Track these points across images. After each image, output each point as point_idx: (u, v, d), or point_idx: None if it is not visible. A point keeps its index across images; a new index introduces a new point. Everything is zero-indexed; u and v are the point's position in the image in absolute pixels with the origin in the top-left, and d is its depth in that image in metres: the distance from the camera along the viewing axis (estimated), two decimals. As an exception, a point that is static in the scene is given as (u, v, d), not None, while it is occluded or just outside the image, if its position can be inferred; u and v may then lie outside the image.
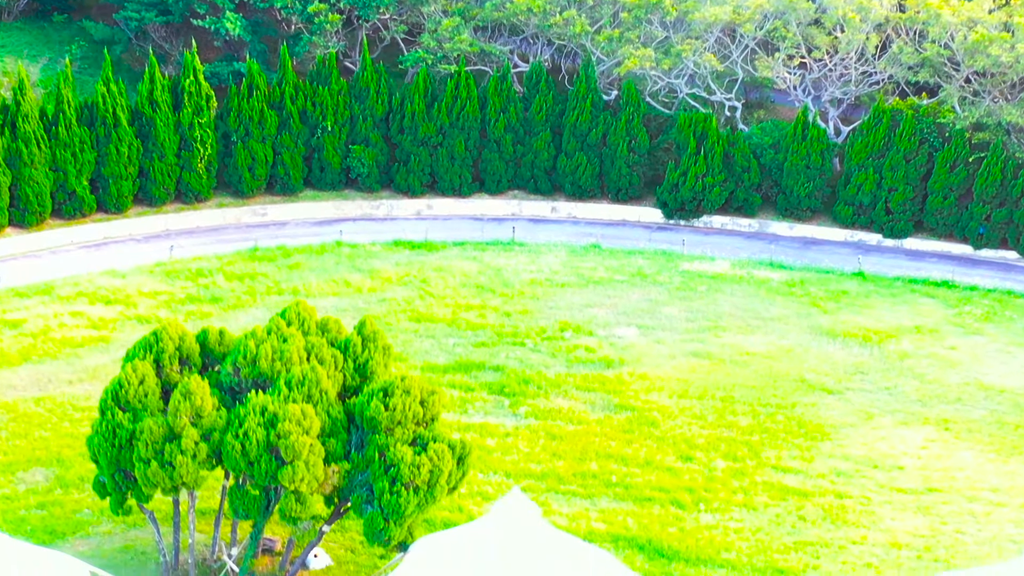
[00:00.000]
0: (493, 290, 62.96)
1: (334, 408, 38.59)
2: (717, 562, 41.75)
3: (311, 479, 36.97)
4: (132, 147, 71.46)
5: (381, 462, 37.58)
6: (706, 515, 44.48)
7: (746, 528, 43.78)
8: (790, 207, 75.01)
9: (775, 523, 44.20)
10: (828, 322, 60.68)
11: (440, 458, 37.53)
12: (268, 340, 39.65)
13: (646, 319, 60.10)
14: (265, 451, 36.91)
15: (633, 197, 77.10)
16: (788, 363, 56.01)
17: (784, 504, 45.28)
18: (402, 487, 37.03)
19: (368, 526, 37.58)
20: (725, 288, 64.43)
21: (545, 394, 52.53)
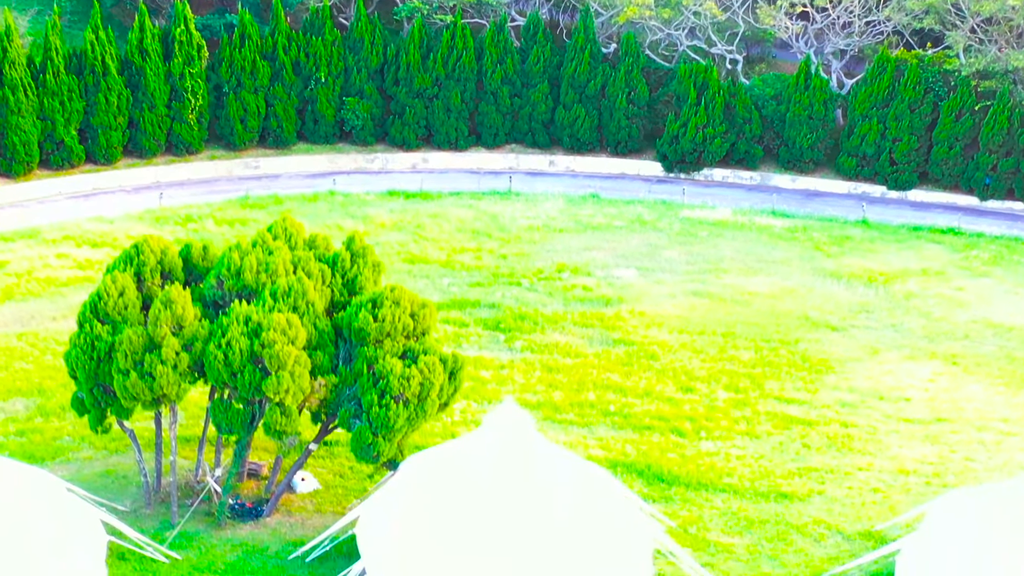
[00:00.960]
0: (489, 235, 61.56)
1: (321, 321, 37.19)
2: (718, 486, 40.36)
3: (296, 391, 35.54)
4: (121, 97, 70.01)
5: (370, 375, 36.18)
6: (707, 443, 43.07)
7: (748, 455, 42.38)
8: (792, 159, 73.61)
9: (778, 450, 42.80)
10: (832, 265, 59.26)
11: (431, 371, 36.11)
12: (253, 252, 38.26)
13: (645, 261, 58.71)
14: (249, 361, 35.50)
15: (632, 150, 75.69)
16: (791, 302, 54.60)
17: (787, 432, 43.88)
18: (391, 400, 35.62)
19: (356, 441, 36.17)
20: (726, 234, 63.04)
21: (541, 329, 51.12)
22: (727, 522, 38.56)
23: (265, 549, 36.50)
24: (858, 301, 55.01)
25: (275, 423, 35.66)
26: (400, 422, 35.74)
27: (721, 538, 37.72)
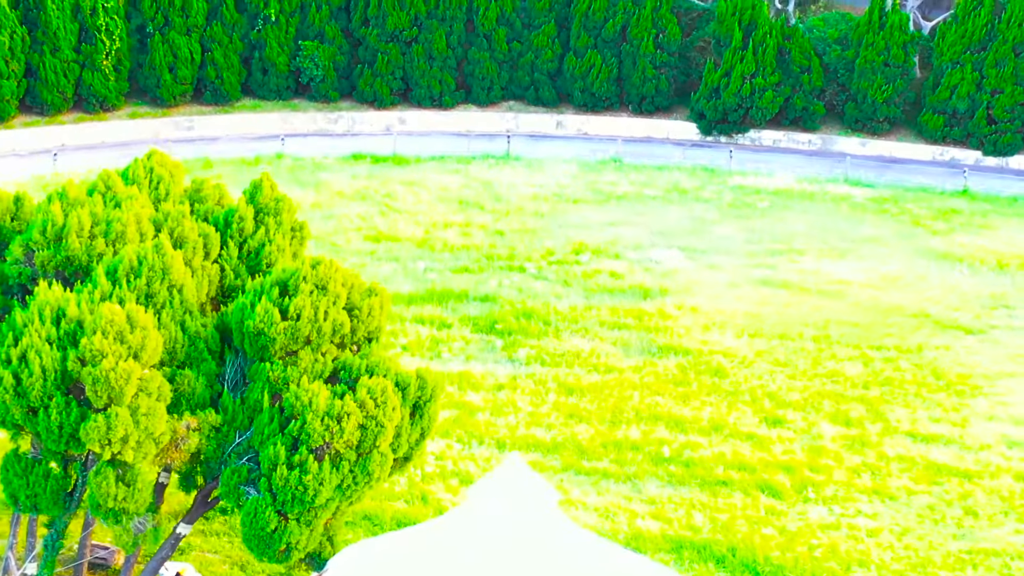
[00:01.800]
0: (481, 205, 46.38)
1: (195, 318, 22.04)
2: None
3: (143, 438, 20.39)
4: (16, 36, 54.81)
5: (274, 411, 21.04)
6: (816, 508, 27.93)
7: (884, 528, 27.26)
8: (862, 118, 58.53)
9: (930, 519, 27.67)
10: (941, 244, 44.16)
11: (379, 404, 20.91)
12: (87, 205, 23.07)
13: (692, 240, 43.55)
14: (58, 387, 20.36)
15: (660, 108, 60.60)
16: (899, 294, 39.51)
17: (938, 489, 28.75)
18: (310, 455, 20.47)
19: (251, 526, 20.97)
20: (793, 205, 47.92)
21: (555, 333, 35.90)
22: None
23: None
24: (989, 292, 39.92)
25: (106, 496, 20.47)
26: (326, 493, 20.60)
27: None
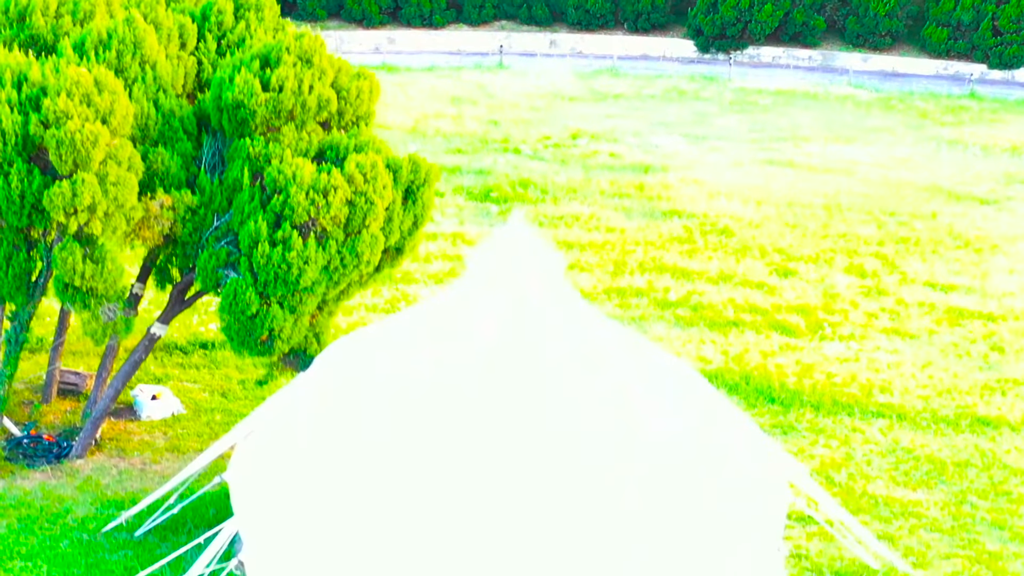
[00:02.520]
0: (474, 102, 44.76)
1: (168, 97, 20.36)
2: (868, 409, 23.60)
3: (112, 210, 18.70)
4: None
5: (255, 190, 19.38)
6: (834, 344, 26.30)
7: (907, 362, 25.63)
8: (864, 32, 57.10)
9: (954, 355, 26.07)
10: (952, 133, 42.66)
11: (369, 178, 19.27)
12: (53, -14, 21.40)
13: (694, 129, 41.97)
14: (19, 152, 18.67)
15: (656, 26, 59.17)
16: (911, 172, 37.96)
17: (961, 330, 27.13)
18: (294, 231, 18.81)
19: (231, 310, 19.26)
20: (797, 102, 46.40)
21: (553, 199, 34.27)
22: (897, 465, 21.81)
23: (59, 515, 19.57)
24: (1004, 172, 38.41)
25: (72, 272, 18.76)
26: (311, 273, 18.94)
27: (893, 491, 20.98)
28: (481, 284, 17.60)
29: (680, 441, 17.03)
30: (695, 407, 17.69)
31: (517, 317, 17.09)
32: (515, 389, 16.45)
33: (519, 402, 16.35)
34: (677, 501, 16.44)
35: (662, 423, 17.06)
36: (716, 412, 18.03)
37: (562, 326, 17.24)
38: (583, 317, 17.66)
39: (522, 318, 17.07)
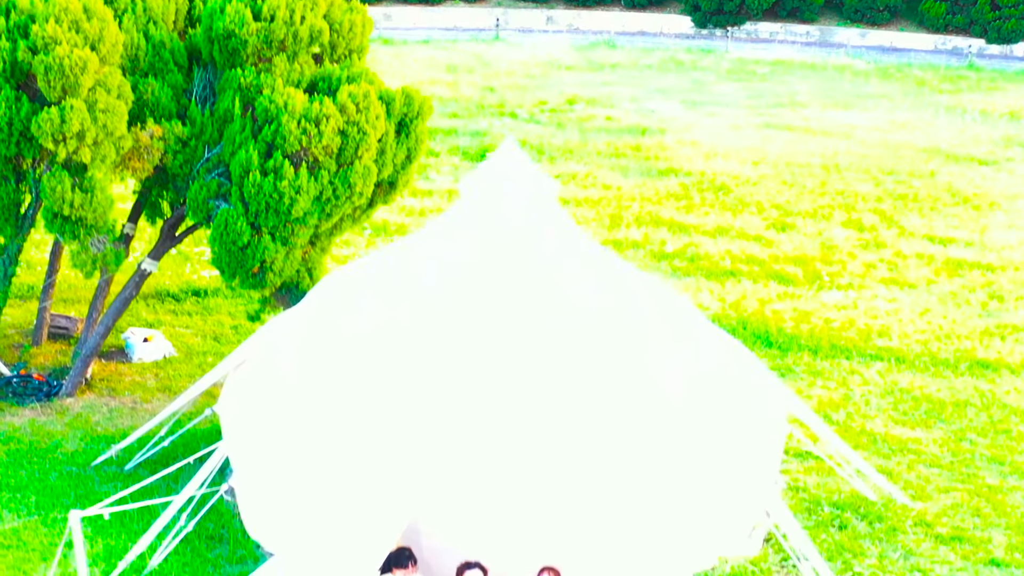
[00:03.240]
0: (471, 70, 44.51)
1: (160, 30, 20.14)
2: (867, 352, 23.40)
3: (101, 138, 18.48)
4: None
5: (247, 120, 19.15)
6: (831, 292, 26.10)
7: (905, 309, 25.43)
8: (862, 7, 56.94)
9: (952, 303, 25.87)
10: (950, 101, 42.46)
11: (362, 108, 19.07)
12: (43, -80, 21.15)
13: (691, 96, 41.73)
14: (7, 79, 18.45)
15: (654, 2, 58.95)
16: (909, 134, 37.75)
17: (961, 280, 26.94)
18: (286, 160, 18.61)
19: (221, 241, 19.05)
20: (794, 72, 46.19)
21: (549, 159, 34.07)
22: (895, 405, 21.61)
23: (48, 450, 19.36)
24: (1002, 135, 38.21)
25: (61, 201, 18.53)
26: (302, 203, 18.72)
27: (891, 429, 20.78)
28: (473, 208, 17.35)
29: (674, 367, 16.80)
30: (689, 334, 17.49)
31: (509, 240, 16.84)
32: (505, 313, 16.16)
33: (509, 326, 16.06)
34: (670, 429, 16.20)
35: (655, 348, 16.82)
36: (712, 340, 17.86)
37: (555, 249, 17.00)
38: (576, 241, 17.43)
39: (514, 240, 16.82)
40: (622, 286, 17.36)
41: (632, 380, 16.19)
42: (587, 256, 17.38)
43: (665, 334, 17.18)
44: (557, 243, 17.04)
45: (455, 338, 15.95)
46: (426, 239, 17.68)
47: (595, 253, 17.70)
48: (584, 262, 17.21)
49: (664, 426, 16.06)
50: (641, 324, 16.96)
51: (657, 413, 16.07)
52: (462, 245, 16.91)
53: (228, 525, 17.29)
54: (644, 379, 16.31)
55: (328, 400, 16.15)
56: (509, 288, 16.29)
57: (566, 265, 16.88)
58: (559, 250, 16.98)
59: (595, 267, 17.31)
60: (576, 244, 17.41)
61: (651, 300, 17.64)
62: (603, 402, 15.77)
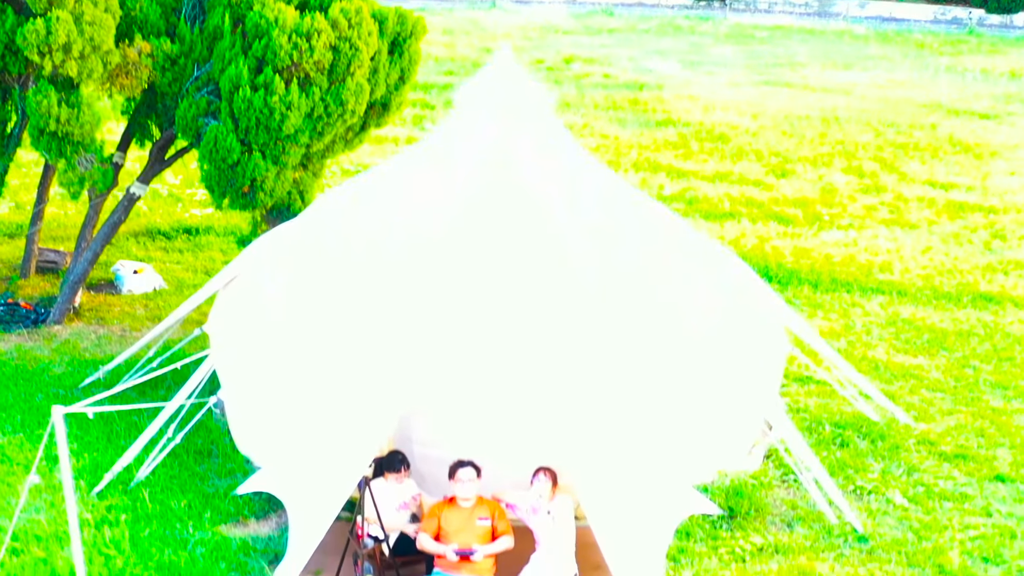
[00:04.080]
0: (467, 32, 44.15)
1: (148, -53, 19.76)
2: (868, 285, 23.07)
3: (88, 51, 18.10)
4: None
5: (236, 36, 18.78)
6: (831, 232, 25.77)
7: (906, 246, 25.10)
8: (861, -22, 56.55)
9: (954, 242, 25.53)
10: (951, 62, 42.11)
11: (354, 23, 18.71)
12: None
13: (689, 56, 41.38)
14: (-10, -9, 18.13)
15: (652, -27, 58.55)
16: (909, 92, 37.41)
17: (963, 221, 26.61)
18: (276, 75, 18.24)
19: (211, 159, 18.69)
20: (793, 36, 45.83)
21: (546, 112, 33.63)
22: (898, 335, 21.27)
23: (34, 373, 18.99)
24: (1003, 92, 37.88)
25: (47, 116, 18.14)
26: (293, 120, 18.35)
27: (893, 357, 20.44)
28: (468, 119, 16.96)
29: (674, 280, 16.42)
30: (687, 248, 17.11)
31: (505, 149, 16.46)
32: (502, 225, 15.74)
33: (506, 237, 15.63)
34: (669, 339, 15.81)
35: (654, 262, 16.43)
36: (712, 255, 17.48)
37: (551, 159, 16.63)
38: (572, 151, 17.07)
39: (510, 150, 16.43)
40: (617, 197, 17.00)
41: (631, 291, 15.79)
42: (582, 166, 17.01)
43: (665, 249, 16.79)
44: (553, 153, 16.68)
45: (450, 250, 15.52)
46: (422, 153, 17.29)
47: (589, 164, 17.35)
48: (579, 172, 16.84)
49: (663, 336, 15.69)
50: (640, 238, 16.58)
51: (656, 324, 15.69)
52: (459, 158, 16.50)
53: (218, 441, 16.96)
54: (644, 290, 15.92)
55: (318, 312, 15.76)
56: (507, 200, 15.89)
57: (561, 175, 16.52)
58: (554, 160, 16.61)
59: (589, 178, 16.94)
60: (572, 155, 17.05)
61: (650, 216, 17.28)
62: (601, 311, 15.37)
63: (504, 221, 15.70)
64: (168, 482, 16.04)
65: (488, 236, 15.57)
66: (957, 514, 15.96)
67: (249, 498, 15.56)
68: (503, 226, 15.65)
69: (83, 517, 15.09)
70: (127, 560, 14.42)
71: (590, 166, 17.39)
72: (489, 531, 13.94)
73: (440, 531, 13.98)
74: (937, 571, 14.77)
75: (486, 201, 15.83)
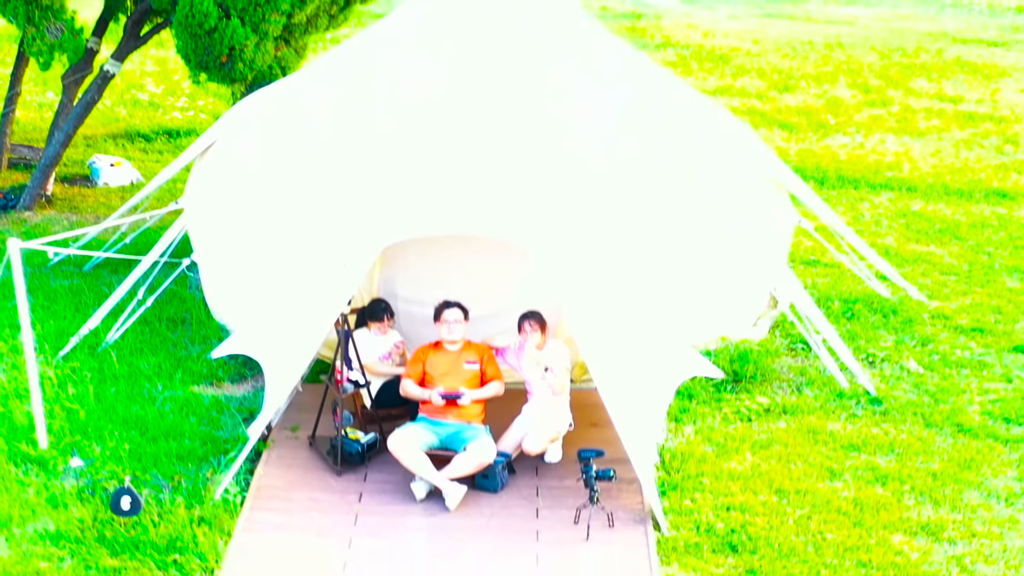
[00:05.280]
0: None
1: None
2: (877, 181, 22.18)
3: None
4: None
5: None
6: (837, 137, 24.85)
7: (915, 149, 24.20)
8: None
9: (964, 148, 24.60)
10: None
11: None
12: None
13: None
14: None
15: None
16: (915, 23, 36.44)
17: (971, 129, 25.68)
18: (255, -63, 17.28)
19: (187, 25, 17.65)
20: (794, -20, 44.75)
21: (542, 36, 32.69)
22: (908, 225, 20.37)
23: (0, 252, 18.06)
24: (1010, 24, 36.91)
25: (13, -22, 17.20)
26: (275, -16, 17.40)
27: (904, 245, 19.53)
28: None
29: (683, 142, 15.43)
30: (703, 119, 16.08)
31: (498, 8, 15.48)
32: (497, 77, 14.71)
33: (502, 89, 14.59)
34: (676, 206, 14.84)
35: (666, 125, 15.39)
36: (727, 127, 16.44)
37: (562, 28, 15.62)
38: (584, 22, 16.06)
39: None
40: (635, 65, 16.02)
41: (642, 149, 14.77)
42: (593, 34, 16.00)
43: (681, 117, 15.72)
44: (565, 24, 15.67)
45: (442, 104, 14.47)
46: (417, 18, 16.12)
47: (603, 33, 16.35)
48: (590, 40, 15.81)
49: (670, 198, 14.73)
50: (656, 104, 15.55)
51: (664, 185, 14.72)
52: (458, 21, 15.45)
53: (192, 310, 16.05)
54: (655, 150, 14.90)
55: (296, 168, 14.80)
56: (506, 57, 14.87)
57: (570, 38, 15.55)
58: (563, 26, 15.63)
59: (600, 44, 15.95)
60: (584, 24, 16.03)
61: (667, 85, 16.27)
62: (607, 166, 14.35)
63: (502, 73, 14.69)
64: (138, 345, 15.14)
65: (484, 88, 14.55)
66: (975, 380, 15.08)
67: (224, 361, 14.67)
68: (500, 78, 14.65)
69: (46, 375, 14.19)
70: (90, 414, 13.51)
71: (601, 35, 16.34)
72: (478, 375, 13.02)
73: (425, 376, 13.07)
74: (956, 430, 13.90)
75: (481, 59, 14.85)
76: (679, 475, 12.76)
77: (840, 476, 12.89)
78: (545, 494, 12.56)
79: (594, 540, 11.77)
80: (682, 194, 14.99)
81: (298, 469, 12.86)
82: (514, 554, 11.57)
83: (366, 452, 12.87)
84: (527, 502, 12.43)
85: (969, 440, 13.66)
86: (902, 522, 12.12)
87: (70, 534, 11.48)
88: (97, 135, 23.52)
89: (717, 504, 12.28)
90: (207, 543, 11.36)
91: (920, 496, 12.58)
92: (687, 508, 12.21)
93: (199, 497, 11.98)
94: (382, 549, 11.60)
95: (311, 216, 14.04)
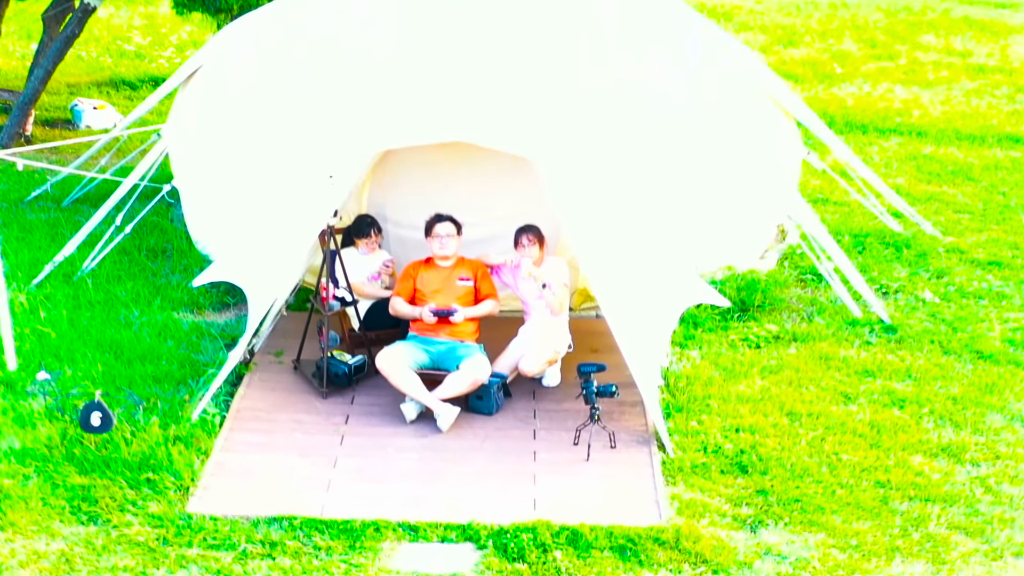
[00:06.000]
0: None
1: None
2: (884, 127, 21.47)
3: None
4: None
5: None
6: (843, 85, 24.14)
7: (924, 98, 23.47)
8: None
9: (975, 96, 23.88)
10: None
11: None
12: None
13: (688, -40, 39.64)
14: None
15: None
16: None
17: (982, 80, 24.95)
18: None
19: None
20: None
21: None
22: (919, 168, 19.66)
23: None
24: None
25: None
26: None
27: (915, 186, 18.81)
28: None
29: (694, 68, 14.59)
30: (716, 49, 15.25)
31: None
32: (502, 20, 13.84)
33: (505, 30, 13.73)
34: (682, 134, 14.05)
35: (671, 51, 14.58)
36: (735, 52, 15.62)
37: None
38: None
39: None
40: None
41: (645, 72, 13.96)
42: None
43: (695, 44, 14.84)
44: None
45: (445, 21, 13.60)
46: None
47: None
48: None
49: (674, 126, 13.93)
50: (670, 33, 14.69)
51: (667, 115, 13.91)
52: None
53: (173, 240, 15.34)
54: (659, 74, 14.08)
55: (282, 89, 14.01)
56: None
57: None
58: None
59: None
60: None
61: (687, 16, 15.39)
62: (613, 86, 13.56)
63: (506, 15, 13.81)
64: (116, 273, 14.42)
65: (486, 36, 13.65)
66: (995, 310, 14.39)
67: (205, 289, 13.96)
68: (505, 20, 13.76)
69: (16, 300, 13.47)
70: (62, 338, 12.79)
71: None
72: (471, 292, 12.30)
73: (416, 294, 12.35)
74: (975, 357, 13.20)
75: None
76: (685, 397, 12.06)
77: (855, 400, 12.19)
78: (543, 416, 11.86)
79: (595, 460, 11.08)
80: (689, 118, 14.23)
81: (281, 392, 12.16)
82: (510, 474, 10.88)
83: (353, 374, 12.16)
84: (524, 424, 11.73)
85: (990, 366, 12.96)
86: (921, 444, 11.43)
87: (36, 452, 10.78)
88: (81, 83, 22.81)
89: (725, 426, 11.58)
90: (182, 461, 10.66)
91: (940, 419, 11.88)
92: (693, 429, 11.51)
93: (175, 417, 11.27)
94: (369, 468, 10.90)
95: (298, 131, 13.28)
